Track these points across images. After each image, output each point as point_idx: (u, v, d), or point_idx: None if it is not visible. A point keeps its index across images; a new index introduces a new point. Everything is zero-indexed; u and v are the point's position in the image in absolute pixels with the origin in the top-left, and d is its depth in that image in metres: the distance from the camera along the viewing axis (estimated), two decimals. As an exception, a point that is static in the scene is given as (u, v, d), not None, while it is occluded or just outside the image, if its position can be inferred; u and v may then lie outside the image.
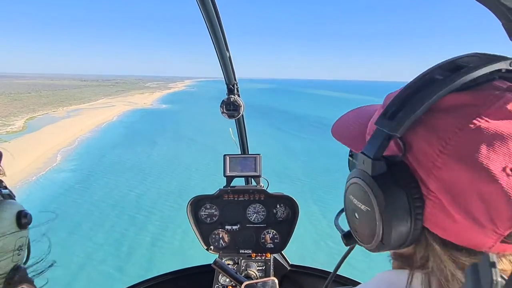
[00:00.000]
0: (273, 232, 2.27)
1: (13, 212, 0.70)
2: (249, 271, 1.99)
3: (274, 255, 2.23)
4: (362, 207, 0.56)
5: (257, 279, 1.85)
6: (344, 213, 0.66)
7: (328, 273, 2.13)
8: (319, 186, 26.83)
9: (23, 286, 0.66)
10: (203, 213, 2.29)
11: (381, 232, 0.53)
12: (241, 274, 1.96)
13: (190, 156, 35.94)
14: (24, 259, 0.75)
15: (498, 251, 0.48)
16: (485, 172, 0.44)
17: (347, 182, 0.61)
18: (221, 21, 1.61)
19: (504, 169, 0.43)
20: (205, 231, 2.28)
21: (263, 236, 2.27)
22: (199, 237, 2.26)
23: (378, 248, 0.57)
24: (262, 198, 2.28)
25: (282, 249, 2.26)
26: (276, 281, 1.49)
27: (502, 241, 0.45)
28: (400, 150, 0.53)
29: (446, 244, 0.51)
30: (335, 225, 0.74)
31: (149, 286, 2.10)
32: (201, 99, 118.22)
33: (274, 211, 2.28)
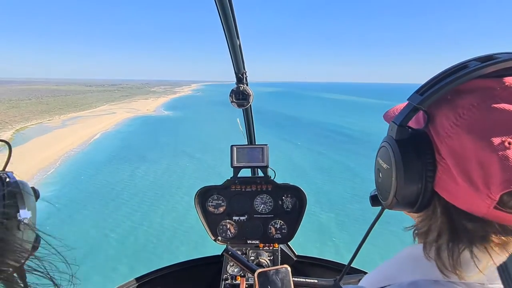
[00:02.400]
0: (280, 222, 2.25)
1: (30, 188, 0.69)
2: (260, 260, 2.00)
3: (281, 245, 2.21)
4: (384, 166, 0.66)
5: (268, 267, 1.73)
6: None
7: (334, 263, 2.20)
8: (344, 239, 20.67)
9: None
10: (210, 204, 2.27)
11: (395, 187, 0.62)
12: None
13: (184, 179, 30.34)
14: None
15: (493, 218, 0.54)
16: (486, 143, 0.51)
17: (378, 148, 0.71)
18: (233, 7, 1.57)
19: (503, 142, 0.50)
20: (213, 222, 2.26)
21: (271, 226, 2.25)
22: (206, 228, 2.24)
23: (393, 204, 0.66)
24: (270, 189, 2.27)
25: (290, 240, 2.23)
26: (289, 268, 1.38)
27: (496, 208, 0.52)
28: (424, 121, 0.61)
29: (449, 208, 0.59)
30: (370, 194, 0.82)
31: (158, 276, 2.12)
32: (206, 104, 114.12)
33: (282, 201, 2.26)
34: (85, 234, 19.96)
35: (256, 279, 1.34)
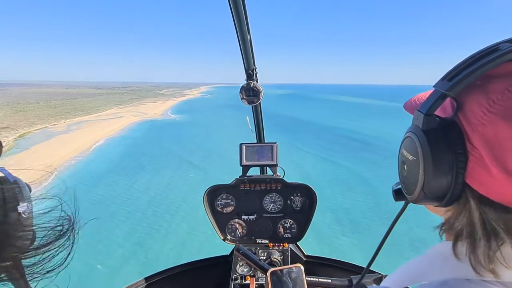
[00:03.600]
0: (290, 221, 2.22)
1: (23, 181, 0.66)
2: (272, 259, 1.94)
3: (290, 245, 2.18)
4: (410, 157, 0.62)
5: (281, 266, 1.62)
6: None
7: (345, 263, 2.14)
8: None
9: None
10: (219, 203, 2.25)
11: (423, 180, 0.58)
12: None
13: (188, 194, 27.37)
14: None
15: None
16: None
17: (402, 139, 0.67)
18: (245, 2, 1.55)
19: None
20: (222, 221, 2.24)
21: (280, 226, 2.22)
22: (215, 227, 2.22)
23: (420, 198, 0.62)
24: (279, 188, 2.24)
25: (300, 239, 2.22)
26: (302, 268, 1.38)
27: None
28: (453, 109, 0.57)
29: (483, 201, 0.54)
30: (392, 188, 0.79)
31: (166, 276, 2.10)
32: (214, 108, 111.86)
33: (291, 200, 2.23)
34: (68, 268, 17.29)
35: (268, 278, 1.35)
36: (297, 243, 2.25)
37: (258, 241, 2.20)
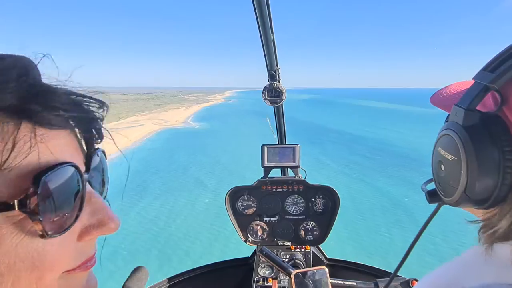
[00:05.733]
0: (312, 224, 2.23)
1: None
2: (296, 261, 1.95)
3: (312, 248, 2.19)
4: (449, 157, 0.57)
5: (304, 268, 1.66)
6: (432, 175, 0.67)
7: (368, 267, 2.11)
8: None
9: None
10: (240, 204, 2.28)
11: (465, 181, 0.54)
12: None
13: (201, 228, 22.83)
14: None
15: None
16: None
17: (437, 137, 0.62)
18: (269, 1, 1.59)
19: None
20: (243, 222, 2.26)
21: (302, 228, 2.23)
22: (237, 229, 2.25)
23: (460, 201, 0.57)
24: (301, 189, 2.25)
25: (322, 242, 2.22)
26: (327, 270, 1.38)
27: None
28: (496, 104, 0.53)
29: None
30: (422, 189, 0.75)
31: (189, 277, 2.13)
32: (236, 115, 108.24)
33: (313, 202, 2.25)
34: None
35: (293, 280, 1.34)
36: (319, 246, 2.24)
37: (280, 243, 2.19)
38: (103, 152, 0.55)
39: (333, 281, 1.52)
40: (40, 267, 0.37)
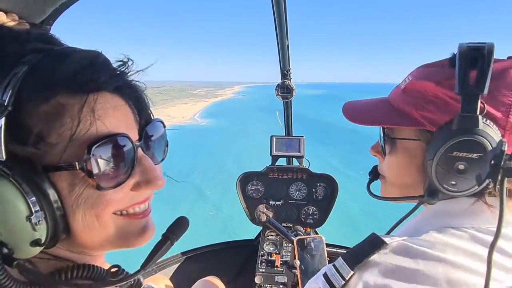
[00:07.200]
0: (313, 208, 2.39)
1: None
2: (298, 232, 2.08)
3: (311, 231, 2.37)
4: (474, 155, 0.62)
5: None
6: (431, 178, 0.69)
7: None
8: None
9: None
10: (249, 188, 2.43)
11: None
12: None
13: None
14: None
15: None
16: None
17: (441, 146, 0.64)
18: (287, 9, 1.73)
19: None
20: (251, 205, 2.43)
21: (303, 212, 2.39)
22: (246, 210, 2.42)
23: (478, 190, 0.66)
24: (304, 177, 2.40)
25: (321, 225, 2.38)
26: (324, 238, 1.58)
27: None
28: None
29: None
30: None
31: (201, 253, 2.36)
32: (245, 111, 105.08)
33: (315, 189, 2.40)
34: None
35: (295, 245, 1.54)
36: (316, 230, 2.39)
37: (284, 224, 2.31)
38: (161, 122, 0.64)
39: (329, 249, 1.72)
40: (96, 207, 0.49)
